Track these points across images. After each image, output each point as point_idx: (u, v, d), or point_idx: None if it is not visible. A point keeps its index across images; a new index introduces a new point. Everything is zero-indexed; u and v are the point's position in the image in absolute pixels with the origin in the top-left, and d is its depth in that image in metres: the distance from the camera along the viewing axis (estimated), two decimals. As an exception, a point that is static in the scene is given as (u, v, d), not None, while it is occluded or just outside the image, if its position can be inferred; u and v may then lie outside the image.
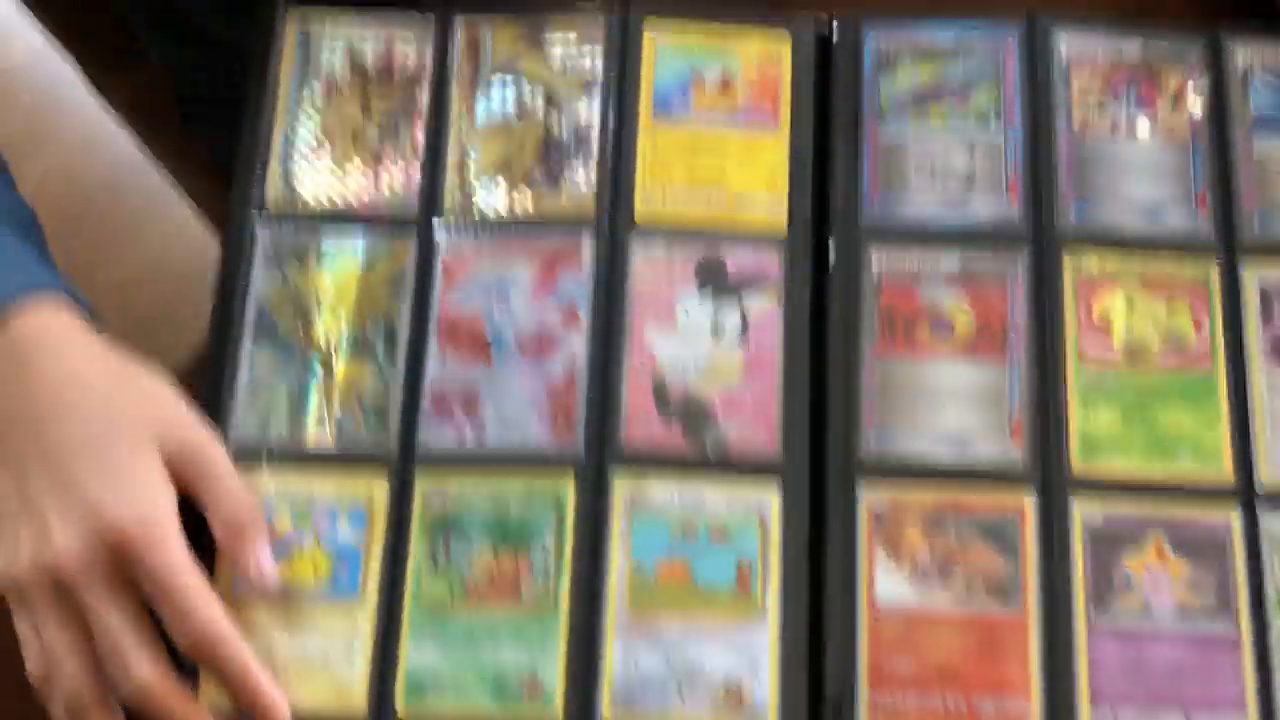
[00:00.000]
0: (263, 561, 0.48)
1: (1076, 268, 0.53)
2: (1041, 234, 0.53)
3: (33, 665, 0.47)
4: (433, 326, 0.53)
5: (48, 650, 0.46)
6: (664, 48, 0.56)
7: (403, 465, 0.51)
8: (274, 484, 0.51)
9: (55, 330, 0.49)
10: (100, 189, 1.41)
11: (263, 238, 0.54)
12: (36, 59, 1.46)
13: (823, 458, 0.51)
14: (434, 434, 0.51)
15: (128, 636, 0.46)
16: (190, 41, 0.74)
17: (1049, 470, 0.50)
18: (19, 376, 0.49)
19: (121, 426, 0.48)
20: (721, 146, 0.55)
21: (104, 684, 0.46)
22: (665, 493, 0.50)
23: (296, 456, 0.51)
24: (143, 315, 1.34)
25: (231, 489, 0.48)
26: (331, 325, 0.53)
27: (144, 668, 0.45)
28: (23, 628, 0.47)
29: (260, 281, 0.53)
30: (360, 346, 0.52)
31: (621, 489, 0.50)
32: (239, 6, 0.67)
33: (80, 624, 0.46)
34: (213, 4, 0.70)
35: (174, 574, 0.46)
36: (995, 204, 0.53)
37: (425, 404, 0.52)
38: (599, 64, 0.56)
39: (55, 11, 0.80)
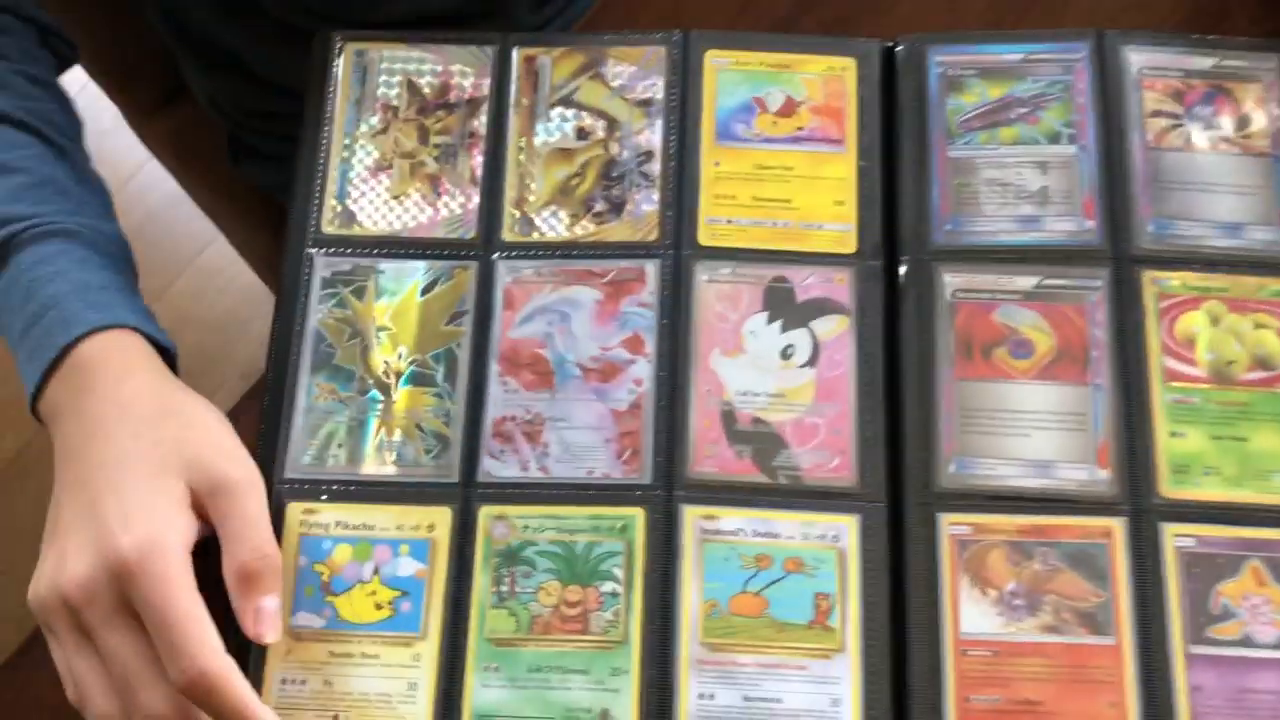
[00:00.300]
0: (264, 616, 0.46)
1: (1157, 286, 0.51)
2: (1120, 252, 0.51)
3: (68, 690, 0.46)
4: (494, 353, 0.51)
5: (74, 675, 0.45)
6: (725, 73, 0.55)
7: (465, 495, 0.49)
8: (333, 515, 0.49)
9: (116, 361, 0.49)
10: (135, 235, 1.41)
11: (320, 266, 0.53)
12: (83, 104, 1.47)
13: (901, 484, 0.49)
14: (497, 463, 0.50)
15: (135, 662, 0.44)
16: (237, 77, 0.74)
17: (1138, 495, 0.48)
18: (76, 407, 0.48)
19: (148, 452, 0.46)
20: (786, 169, 0.54)
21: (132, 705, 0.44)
22: (737, 523, 0.49)
23: (356, 487, 0.50)
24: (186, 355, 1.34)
25: (250, 534, 0.46)
26: (390, 353, 0.52)
27: (154, 696, 0.43)
28: (55, 653, 0.46)
29: (318, 310, 0.52)
30: (420, 374, 0.51)
31: (692, 519, 0.49)
32: (287, 42, 0.68)
33: (99, 649, 0.44)
34: (260, 39, 0.70)
35: (167, 607, 0.43)
36: (1071, 222, 0.52)
37: (487, 432, 0.50)
38: (660, 90, 0.55)
39: (99, 47, 0.80)
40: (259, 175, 0.83)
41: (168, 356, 0.51)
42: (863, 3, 0.58)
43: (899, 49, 0.55)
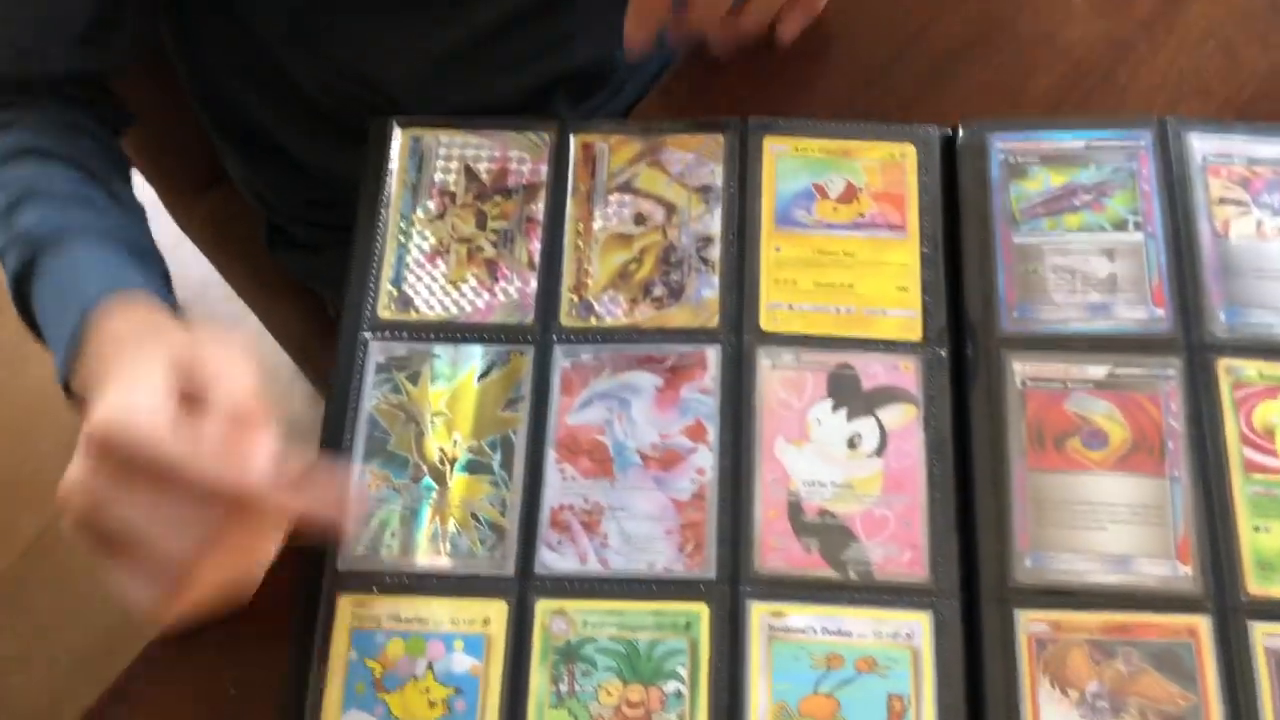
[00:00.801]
0: (259, 453, 0.41)
1: (1232, 375, 0.50)
2: (1193, 341, 0.50)
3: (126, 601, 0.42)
4: (551, 440, 0.50)
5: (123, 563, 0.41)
6: (784, 159, 0.55)
7: (522, 588, 0.48)
8: (385, 609, 0.47)
9: (137, 312, 0.49)
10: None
11: (375, 351, 0.52)
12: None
13: (975, 579, 0.47)
14: (554, 555, 0.48)
15: (155, 526, 0.40)
16: (279, 165, 0.74)
17: (1222, 593, 0.46)
18: (98, 353, 0.48)
19: (141, 352, 0.44)
20: (848, 255, 0.53)
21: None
22: (806, 620, 0.47)
23: (409, 579, 0.48)
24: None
25: (233, 387, 0.42)
26: (445, 439, 0.50)
27: (185, 545, 0.40)
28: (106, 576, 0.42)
29: (372, 395, 0.51)
30: (476, 461, 0.50)
31: (759, 616, 0.47)
32: (332, 132, 0.68)
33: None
34: (304, 129, 0.70)
35: (151, 449, 0.40)
36: (1141, 310, 0.51)
37: (544, 522, 0.49)
38: (719, 177, 0.55)
39: (144, 131, 0.81)
40: (294, 263, 0.83)
41: None
42: (920, 87, 0.58)
43: (960, 135, 0.55)
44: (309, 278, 0.84)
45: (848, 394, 0.50)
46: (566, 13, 0.64)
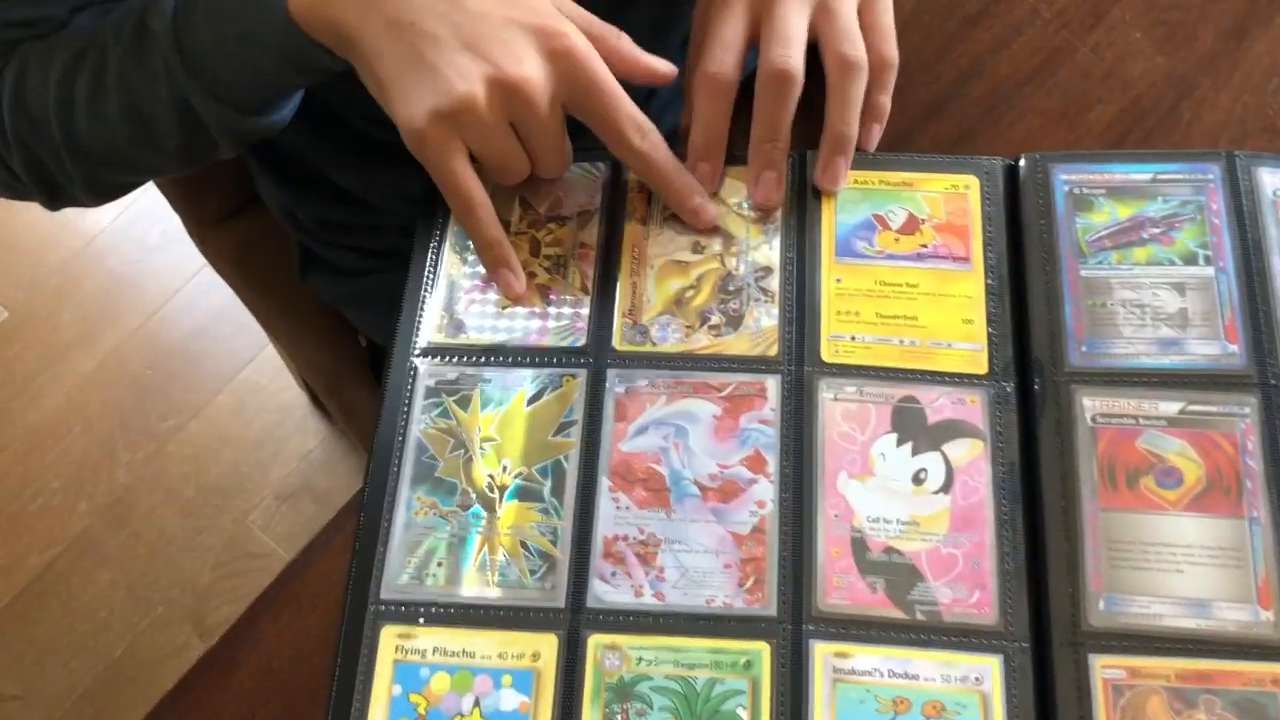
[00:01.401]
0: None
1: (1310, 415, 0.48)
2: (1268, 378, 0.49)
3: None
4: (604, 468, 0.48)
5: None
6: (845, 191, 0.54)
7: (573, 622, 0.46)
8: (431, 641, 0.45)
9: None
10: (178, 350, 1.40)
11: (425, 375, 0.51)
12: (129, 219, 1.48)
13: (1045, 622, 0.45)
14: (608, 587, 0.46)
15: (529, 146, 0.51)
16: (315, 189, 0.73)
17: (1307, 640, 0.44)
18: None
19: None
20: (911, 286, 0.52)
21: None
22: (873, 662, 0.45)
23: (456, 610, 0.46)
24: (221, 473, 1.31)
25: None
26: (495, 465, 0.49)
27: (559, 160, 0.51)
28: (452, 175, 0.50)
29: (420, 420, 0.50)
30: (526, 488, 0.48)
31: (822, 657, 0.45)
32: (370, 156, 0.67)
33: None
34: (343, 153, 0.69)
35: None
36: (1213, 346, 0.49)
37: (597, 552, 0.47)
38: (777, 209, 0.54)
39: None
40: (326, 288, 0.82)
41: None
42: (980, 119, 0.57)
43: (1022, 166, 0.54)
44: (345, 303, 0.82)
45: (913, 428, 0.49)
46: None
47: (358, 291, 0.78)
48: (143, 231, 1.48)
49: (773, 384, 0.50)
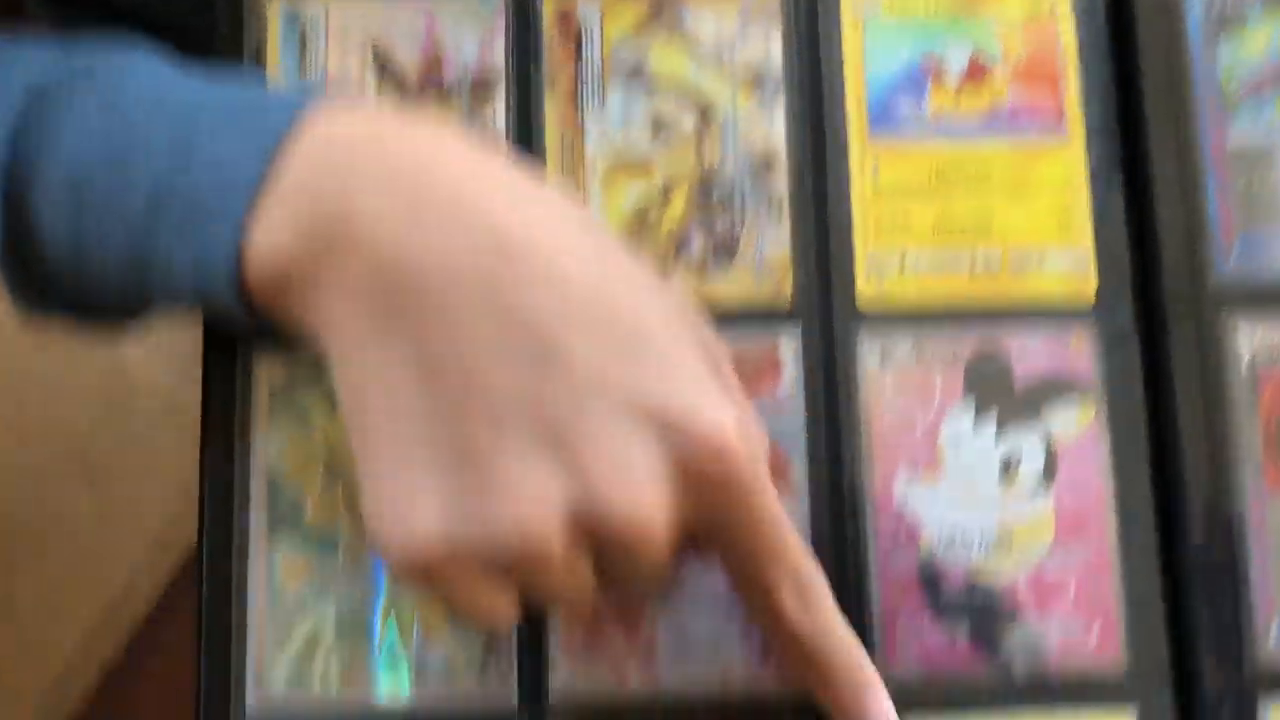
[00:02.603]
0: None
1: None
2: None
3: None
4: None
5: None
6: (876, 23, 0.36)
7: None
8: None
9: (449, 141, 0.30)
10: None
11: (261, 374, 0.34)
12: None
13: (1193, 663, 0.33)
14: (573, 672, 0.33)
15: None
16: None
17: None
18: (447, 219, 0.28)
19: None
20: (980, 174, 0.35)
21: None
22: (957, 741, 0.32)
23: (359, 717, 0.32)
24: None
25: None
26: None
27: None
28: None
29: (269, 438, 0.34)
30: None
31: (889, 737, 0.32)
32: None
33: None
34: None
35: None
36: None
37: (559, 621, 0.33)
38: (776, 54, 0.36)
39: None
40: None
41: None
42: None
43: (1135, -32, 0.36)
44: None
45: (995, 394, 0.34)
46: None
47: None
48: None
49: (788, 346, 0.34)
